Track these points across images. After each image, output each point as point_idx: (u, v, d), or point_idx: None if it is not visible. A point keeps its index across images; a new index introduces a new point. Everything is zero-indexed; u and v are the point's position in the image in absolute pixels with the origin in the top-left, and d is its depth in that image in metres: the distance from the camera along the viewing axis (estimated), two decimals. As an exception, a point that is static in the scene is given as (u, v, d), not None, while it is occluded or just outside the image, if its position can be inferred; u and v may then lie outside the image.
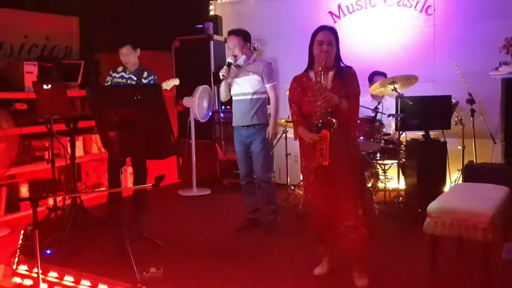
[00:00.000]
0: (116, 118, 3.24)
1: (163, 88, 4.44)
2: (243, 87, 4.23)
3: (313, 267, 3.35)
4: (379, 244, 3.51)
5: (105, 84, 4.71)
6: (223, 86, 4.34)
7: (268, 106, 4.41)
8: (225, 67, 4.24)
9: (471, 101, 5.01)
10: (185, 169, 6.12)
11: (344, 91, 3.10)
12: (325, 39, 3.11)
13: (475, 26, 5.34)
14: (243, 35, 4.23)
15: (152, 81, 4.58)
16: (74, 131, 3.93)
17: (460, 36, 5.43)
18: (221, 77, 4.27)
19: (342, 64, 3.20)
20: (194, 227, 4.53)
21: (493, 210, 2.92)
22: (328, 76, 3.14)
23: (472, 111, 5.01)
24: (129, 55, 4.59)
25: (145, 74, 4.59)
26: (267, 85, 4.24)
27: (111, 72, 4.72)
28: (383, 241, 3.73)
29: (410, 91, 4.78)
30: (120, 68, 4.69)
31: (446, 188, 4.89)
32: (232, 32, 4.25)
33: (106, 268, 3.26)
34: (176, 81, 4.47)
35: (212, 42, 6.12)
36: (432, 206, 3.05)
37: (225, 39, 6.42)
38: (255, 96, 4.21)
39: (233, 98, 4.36)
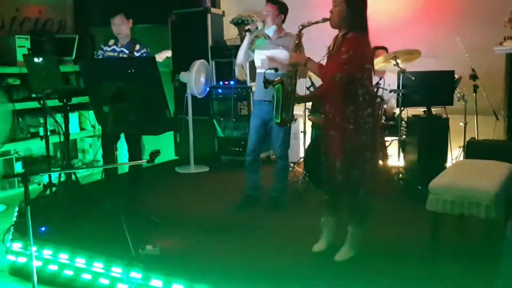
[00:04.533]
0: (110, 92, 3.14)
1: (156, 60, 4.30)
2: (267, 61, 4.06)
3: (311, 244, 3.30)
4: (378, 221, 3.48)
5: (97, 58, 4.58)
6: (244, 45, 4.14)
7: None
8: (257, 24, 4.07)
9: (474, 76, 4.90)
10: (183, 146, 6.04)
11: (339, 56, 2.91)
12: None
13: (479, -1, 5.20)
14: (279, 5, 4.05)
15: (144, 54, 4.46)
16: (68, 106, 3.82)
17: (463, 9, 5.29)
18: (246, 28, 4.08)
19: (355, 29, 2.90)
20: (192, 204, 4.46)
21: (496, 187, 2.85)
22: (337, 40, 2.99)
23: (475, 87, 4.91)
24: (122, 25, 4.46)
25: (137, 47, 4.47)
26: None
27: (102, 46, 4.58)
28: (382, 219, 3.68)
29: (412, 67, 4.68)
30: (111, 41, 4.56)
31: (448, 165, 4.84)
32: (269, 0, 4.06)
33: (102, 245, 3.20)
34: (168, 53, 4.34)
35: (209, 15, 5.95)
36: (434, 183, 2.98)
37: (223, 12, 6.30)
38: (279, 71, 4.01)
39: (257, 70, 4.21)
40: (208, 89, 5.84)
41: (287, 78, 3.22)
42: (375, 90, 4.62)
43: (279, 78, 3.27)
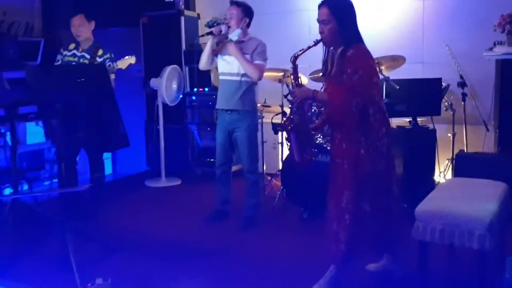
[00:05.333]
0: (56, 103, 2.75)
1: (118, 67, 3.94)
2: (231, 66, 3.79)
3: (292, 269, 2.98)
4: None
5: (56, 64, 4.18)
6: (207, 49, 3.86)
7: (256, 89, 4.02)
8: (221, 27, 3.78)
9: (462, 84, 4.62)
10: (154, 157, 5.65)
11: (341, 78, 2.65)
12: (319, 19, 2.72)
13: (467, 2, 4.89)
14: (244, 7, 3.79)
15: (108, 60, 4.08)
16: (15, 117, 3.41)
17: (451, 13, 4.98)
18: (208, 31, 3.81)
19: (351, 43, 2.64)
20: (157, 225, 4.08)
21: (491, 214, 2.52)
22: (335, 58, 2.72)
23: (464, 95, 4.62)
24: (81, 27, 4.08)
25: (100, 51, 4.09)
26: (255, 62, 3.75)
27: (61, 50, 4.20)
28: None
29: (397, 74, 4.37)
30: (72, 46, 4.17)
31: (435, 178, 4.54)
32: (233, 2, 3.81)
33: (45, 280, 2.81)
34: (132, 59, 3.99)
35: (183, 18, 5.61)
36: (421, 208, 2.64)
37: (198, 15, 5.94)
38: (243, 79, 3.77)
39: (220, 77, 3.93)
40: (181, 96, 5.46)
41: (295, 115, 2.91)
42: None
43: (286, 118, 2.96)
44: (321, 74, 4.48)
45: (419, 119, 4.33)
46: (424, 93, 4.16)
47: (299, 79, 2.91)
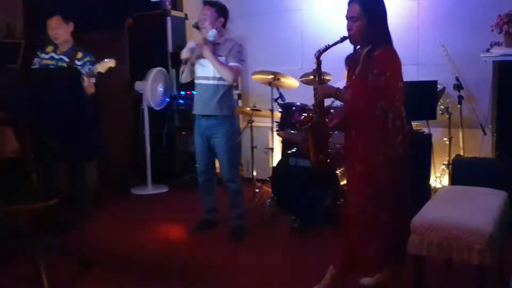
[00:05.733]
0: (22, 110, 2.56)
1: (97, 70, 3.75)
2: (207, 69, 3.61)
3: (285, 283, 2.79)
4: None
5: (32, 67, 3.98)
6: (186, 68, 3.72)
7: (235, 92, 3.83)
8: (189, 46, 3.62)
9: (458, 86, 4.46)
10: (141, 163, 5.45)
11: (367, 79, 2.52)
12: (348, 15, 2.61)
13: (463, 2, 4.73)
14: (217, 7, 3.62)
15: (88, 63, 3.90)
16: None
17: (447, 13, 4.82)
18: (182, 57, 3.65)
19: (379, 43, 2.53)
20: (143, 234, 3.90)
21: (491, 226, 2.34)
22: (361, 57, 2.60)
23: (460, 98, 4.46)
24: (58, 29, 3.90)
25: (80, 54, 3.90)
26: (230, 63, 3.57)
27: (38, 53, 4.01)
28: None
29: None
30: (49, 48, 3.98)
31: (431, 183, 4.38)
32: (206, 3, 3.65)
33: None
34: (111, 63, 3.80)
35: (169, 19, 5.42)
36: (417, 220, 2.46)
37: (186, 15, 5.75)
38: (220, 82, 3.60)
39: (195, 81, 3.75)
40: (167, 100, 5.27)
41: (315, 113, 2.76)
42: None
43: (306, 116, 2.83)
44: (312, 77, 4.36)
45: (413, 123, 4.16)
46: (419, 96, 3.96)
47: (322, 76, 2.81)
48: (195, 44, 3.60)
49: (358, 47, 2.66)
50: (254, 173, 4.77)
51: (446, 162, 4.50)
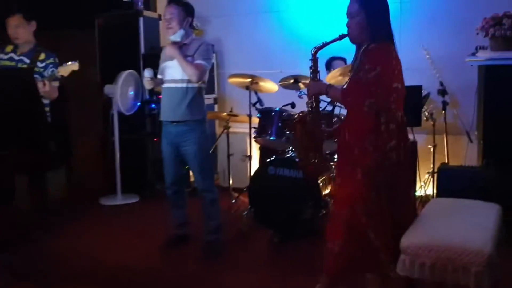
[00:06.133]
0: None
1: (59, 74, 3.46)
2: (174, 72, 3.36)
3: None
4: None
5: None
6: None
7: (211, 96, 3.59)
8: (146, 76, 3.44)
9: (443, 92, 4.31)
10: (111, 171, 5.15)
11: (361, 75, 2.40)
12: (347, 11, 2.48)
13: (446, 4, 4.59)
14: (184, 6, 3.37)
15: (51, 66, 3.61)
16: None
17: (430, 16, 4.67)
18: (147, 88, 3.61)
19: (377, 39, 2.38)
20: (111, 249, 3.62)
21: (489, 246, 2.15)
22: (359, 55, 2.48)
23: (444, 104, 4.31)
24: (19, 28, 3.61)
25: (42, 56, 3.61)
26: (196, 62, 3.31)
27: (-4, 53, 3.70)
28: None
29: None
30: (9, 48, 3.69)
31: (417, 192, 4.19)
32: (172, 1, 3.39)
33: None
34: (74, 66, 3.52)
35: (142, 19, 5.14)
36: (407, 240, 2.25)
37: (159, 15, 5.48)
38: (189, 85, 3.35)
39: (163, 85, 3.49)
40: (138, 104, 4.98)
41: (308, 112, 2.63)
42: (332, 107, 3.91)
43: (298, 114, 2.72)
44: (291, 81, 4.15)
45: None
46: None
47: (317, 73, 2.65)
48: (152, 73, 3.41)
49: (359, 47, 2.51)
50: (231, 182, 4.53)
51: (430, 170, 4.33)
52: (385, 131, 2.35)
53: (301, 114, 2.63)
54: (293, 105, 4.03)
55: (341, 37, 2.48)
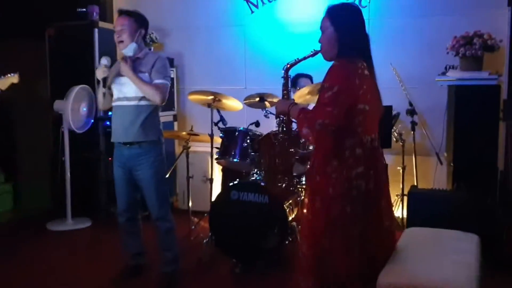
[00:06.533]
0: None
1: (-4, 88, 3.13)
2: (127, 88, 3.08)
3: None
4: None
5: None
6: (100, 92, 3.22)
7: (165, 114, 3.32)
8: (102, 63, 3.12)
9: (411, 112, 4.17)
10: (60, 193, 4.76)
11: None
12: (320, 25, 2.33)
13: (416, 22, 4.48)
14: (136, 17, 3.10)
15: (-11, 78, 3.25)
16: None
17: (397, 33, 4.55)
18: (98, 78, 3.12)
19: (343, 55, 2.21)
20: (56, 282, 3.27)
21: (473, 285, 1.95)
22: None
23: (413, 124, 4.17)
24: None
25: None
26: (155, 81, 3.06)
27: None
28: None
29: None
30: None
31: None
32: (123, 12, 3.14)
33: None
34: (14, 78, 3.20)
35: (96, 30, 4.82)
36: (384, 280, 2.03)
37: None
38: (143, 102, 3.07)
39: (113, 103, 3.20)
40: (92, 121, 4.64)
41: (278, 132, 2.48)
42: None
43: (267, 134, 2.55)
44: (257, 99, 3.92)
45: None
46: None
47: (289, 91, 2.55)
48: (109, 60, 3.11)
49: None
50: (190, 204, 4.23)
51: (399, 193, 4.17)
52: (350, 157, 2.15)
53: (270, 134, 2.40)
54: (257, 123, 3.81)
55: (315, 53, 2.35)
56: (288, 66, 2.45)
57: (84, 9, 4.94)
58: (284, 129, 2.46)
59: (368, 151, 2.19)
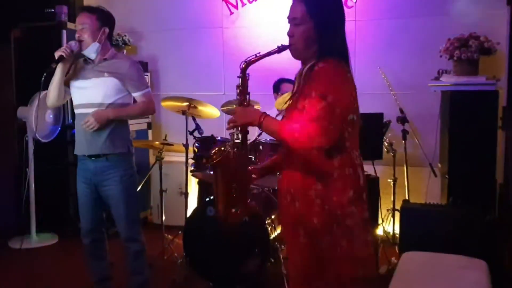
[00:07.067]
0: None
1: None
2: (91, 94, 2.76)
3: None
4: None
5: None
6: (56, 79, 2.82)
7: (138, 121, 3.02)
8: (69, 44, 2.74)
9: (403, 119, 3.88)
10: (24, 207, 4.39)
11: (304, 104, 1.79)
12: (288, 17, 1.91)
13: (406, 23, 4.23)
14: (99, 15, 2.78)
15: None
16: None
17: (387, 36, 4.30)
18: (57, 56, 2.72)
19: (327, 54, 1.81)
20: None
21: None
22: (302, 75, 1.89)
23: (404, 133, 3.88)
24: None
25: None
26: (136, 94, 2.80)
27: None
28: None
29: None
30: None
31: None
32: (84, 9, 2.88)
33: None
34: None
35: (65, 32, 4.50)
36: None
37: (86, 29, 4.87)
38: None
39: (75, 110, 2.88)
40: (59, 129, 4.30)
41: (232, 147, 1.95)
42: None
43: (218, 149, 2.00)
44: (239, 95, 3.61)
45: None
46: (362, 131, 3.32)
47: (247, 95, 1.95)
48: (77, 45, 2.73)
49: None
50: (165, 219, 3.90)
51: (390, 208, 3.88)
52: (339, 178, 1.78)
53: (221, 150, 1.96)
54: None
55: (280, 49, 1.89)
56: (246, 63, 1.91)
57: (52, 9, 4.64)
58: (241, 143, 1.91)
59: (358, 169, 1.84)
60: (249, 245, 3.05)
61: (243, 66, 1.92)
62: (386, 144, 3.76)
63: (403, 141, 3.88)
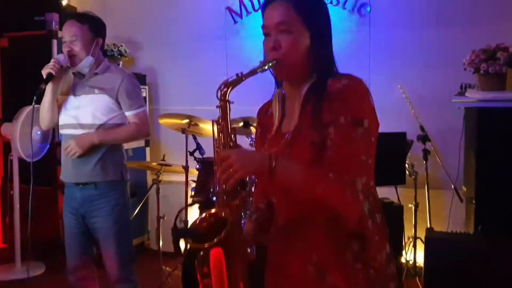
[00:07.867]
0: None
1: None
2: (80, 113, 2.48)
3: None
4: None
5: None
6: (47, 99, 2.52)
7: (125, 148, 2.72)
8: (57, 58, 2.46)
9: (424, 138, 3.56)
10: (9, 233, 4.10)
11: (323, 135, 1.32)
12: (269, 23, 1.43)
13: (425, 33, 3.92)
14: (91, 23, 2.48)
15: None
16: None
17: (406, 48, 3.99)
18: (46, 74, 2.44)
19: (329, 73, 1.41)
20: None
21: None
22: (296, 101, 1.43)
23: (426, 153, 3.56)
24: None
25: None
26: (128, 114, 2.51)
27: None
28: None
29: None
30: None
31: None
32: (74, 16, 2.57)
33: None
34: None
35: (55, 42, 4.26)
36: None
37: (78, 38, 4.60)
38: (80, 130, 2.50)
39: (61, 131, 2.60)
40: (48, 147, 3.98)
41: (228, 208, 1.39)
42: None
43: (210, 213, 1.42)
44: (241, 124, 3.28)
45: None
46: (382, 153, 2.98)
47: (232, 133, 1.44)
48: (67, 60, 2.43)
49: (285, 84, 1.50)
50: (162, 246, 3.55)
51: (411, 235, 3.54)
52: (375, 230, 1.36)
53: (216, 220, 1.37)
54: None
55: (267, 65, 1.41)
56: (225, 87, 1.39)
57: (42, 17, 4.39)
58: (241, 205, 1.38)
59: (383, 215, 1.42)
60: (257, 284, 2.69)
61: (223, 91, 1.40)
62: (407, 166, 3.43)
63: (424, 162, 3.56)
